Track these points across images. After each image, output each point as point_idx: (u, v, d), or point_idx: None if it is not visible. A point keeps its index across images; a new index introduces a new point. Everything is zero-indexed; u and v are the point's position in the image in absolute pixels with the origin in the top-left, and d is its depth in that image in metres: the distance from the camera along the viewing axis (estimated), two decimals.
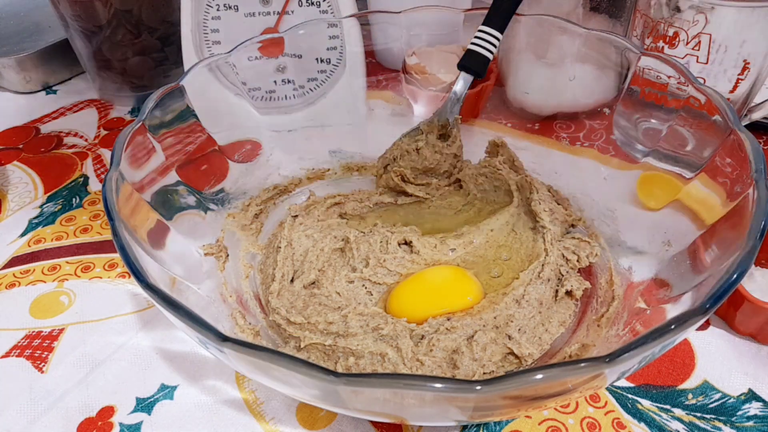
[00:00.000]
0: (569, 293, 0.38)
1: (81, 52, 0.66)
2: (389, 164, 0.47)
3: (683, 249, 0.33)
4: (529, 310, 0.36)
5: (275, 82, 0.52)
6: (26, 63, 0.69)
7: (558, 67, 0.50)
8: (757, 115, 0.49)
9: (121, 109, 0.67)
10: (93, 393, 0.37)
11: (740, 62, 0.43)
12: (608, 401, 0.35)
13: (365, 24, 0.52)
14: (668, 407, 0.35)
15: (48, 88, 0.72)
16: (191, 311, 0.24)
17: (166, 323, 0.41)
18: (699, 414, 0.34)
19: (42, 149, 0.61)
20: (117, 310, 0.42)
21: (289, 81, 0.52)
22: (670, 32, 0.44)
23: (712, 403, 0.35)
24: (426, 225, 0.45)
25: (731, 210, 0.29)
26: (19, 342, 0.40)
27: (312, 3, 0.53)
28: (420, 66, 0.52)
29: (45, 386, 0.38)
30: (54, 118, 0.66)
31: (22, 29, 0.75)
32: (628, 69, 0.42)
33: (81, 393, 0.37)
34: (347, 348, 0.33)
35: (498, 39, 0.45)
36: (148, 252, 0.30)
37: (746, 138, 0.30)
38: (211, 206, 0.41)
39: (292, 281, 0.39)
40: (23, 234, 0.50)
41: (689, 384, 0.36)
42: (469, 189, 0.46)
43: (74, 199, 0.54)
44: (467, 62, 0.46)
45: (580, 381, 0.23)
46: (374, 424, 0.35)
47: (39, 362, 0.39)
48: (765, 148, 0.54)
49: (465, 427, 0.34)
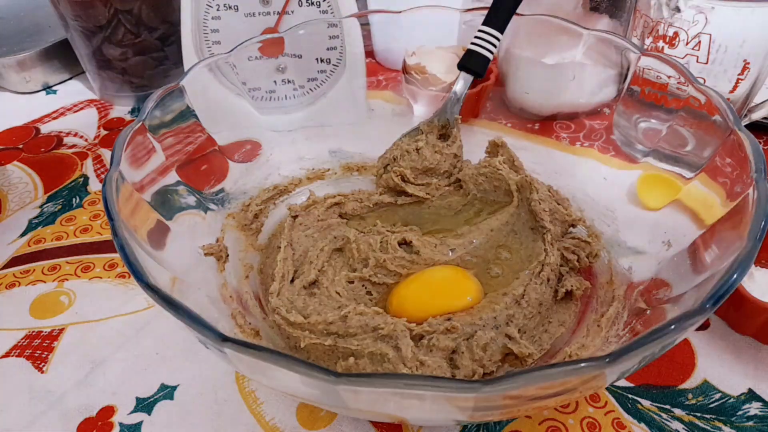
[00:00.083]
0: (569, 293, 0.38)
1: (81, 52, 0.66)
2: (389, 164, 0.47)
3: (683, 249, 0.33)
4: (529, 310, 0.36)
5: (275, 82, 0.52)
6: (26, 63, 0.68)
7: (558, 67, 0.50)
8: (757, 115, 0.49)
9: (121, 109, 0.67)
10: (93, 393, 0.37)
11: (740, 62, 0.43)
12: (608, 401, 0.35)
13: (365, 24, 0.52)
14: (668, 407, 0.35)
15: (48, 88, 0.72)
16: (191, 311, 0.24)
17: (166, 323, 0.41)
18: (699, 414, 0.34)
19: (42, 149, 0.61)
20: (117, 310, 0.42)
21: (289, 81, 0.52)
22: (670, 32, 0.44)
23: (712, 403, 0.35)
24: (426, 225, 0.45)
25: (731, 210, 0.29)
26: (19, 342, 0.40)
27: (312, 3, 0.53)
28: (420, 66, 0.52)
29: (45, 386, 0.38)
30: (54, 118, 0.66)
31: (22, 29, 0.75)
32: (628, 69, 0.42)
33: (81, 393, 0.37)
34: (347, 348, 0.33)
35: (498, 39, 0.45)
36: (148, 252, 0.30)
37: (746, 138, 0.30)
38: (211, 206, 0.41)
39: (292, 281, 0.39)
40: (23, 234, 0.50)
41: (689, 384, 0.36)
42: (469, 189, 0.46)
43: (74, 199, 0.54)
44: (467, 62, 0.46)
45: (580, 381, 0.23)
46: (374, 424, 0.35)
47: (39, 362, 0.39)
48: (765, 148, 0.54)
49: (465, 427, 0.34)
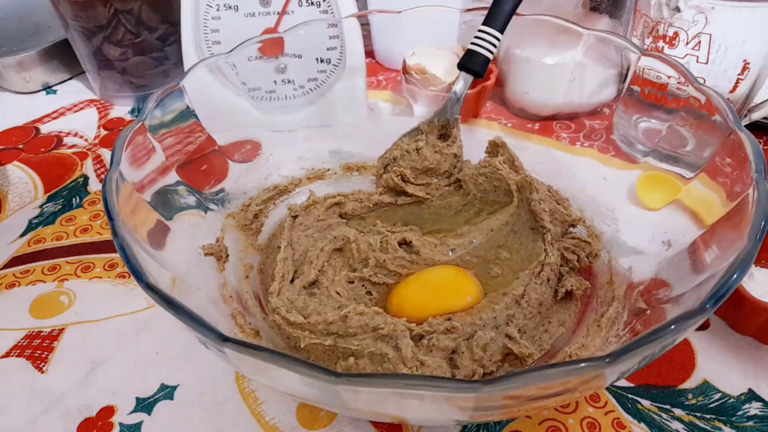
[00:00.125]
0: (569, 293, 0.38)
1: (81, 52, 0.66)
2: (389, 164, 0.47)
3: (683, 249, 0.33)
4: (529, 310, 0.36)
5: (275, 82, 0.52)
6: (26, 63, 0.68)
7: (558, 67, 0.50)
8: (757, 115, 0.49)
9: (121, 109, 0.67)
10: (93, 393, 0.37)
11: (740, 62, 0.43)
12: (608, 401, 0.35)
13: (365, 24, 0.52)
14: (668, 407, 0.35)
15: (48, 88, 0.72)
16: (191, 311, 0.24)
17: (166, 323, 0.41)
18: (699, 414, 0.34)
19: (42, 149, 0.61)
20: (117, 310, 0.42)
21: (289, 81, 0.52)
22: (670, 32, 0.44)
23: (712, 403, 0.35)
24: (426, 225, 0.45)
25: (731, 210, 0.29)
26: (19, 342, 0.40)
27: (312, 3, 0.53)
28: (420, 66, 0.52)
29: (45, 386, 0.38)
30: (54, 118, 0.66)
31: (22, 29, 0.75)
32: (628, 69, 0.42)
33: (81, 393, 0.37)
34: (347, 348, 0.33)
35: (498, 39, 0.45)
36: (148, 252, 0.30)
37: (746, 138, 0.30)
38: (211, 206, 0.41)
39: (292, 281, 0.39)
40: (23, 234, 0.50)
41: (689, 384, 0.36)
42: (469, 189, 0.46)
43: (74, 199, 0.54)
44: (467, 62, 0.46)
45: (580, 381, 0.23)
46: (374, 424, 0.35)
47: (39, 362, 0.39)
48: (765, 148, 0.54)
49: (465, 427, 0.34)
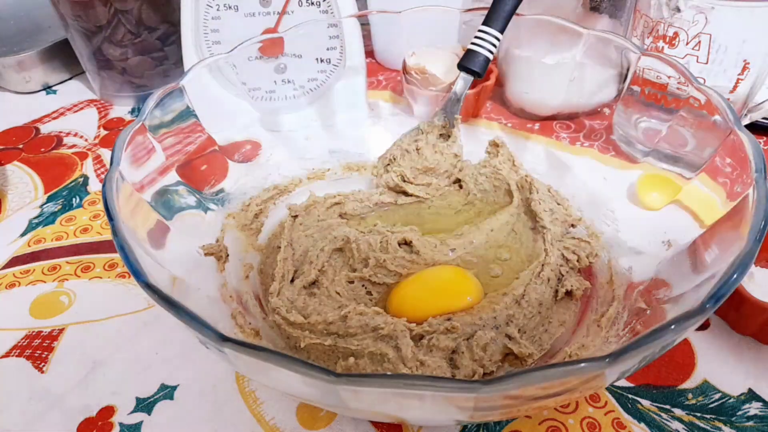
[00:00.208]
0: (569, 293, 0.38)
1: (81, 52, 0.66)
2: (389, 164, 0.47)
3: (683, 249, 0.33)
4: (529, 310, 0.36)
5: (275, 82, 0.52)
6: (26, 63, 0.68)
7: (558, 67, 0.50)
8: (757, 115, 0.49)
9: (121, 109, 0.67)
10: (93, 393, 0.37)
11: (740, 62, 0.43)
12: (608, 401, 0.35)
13: (365, 24, 0.52)
14: (668, 407, 0.35)
15: (48, 88, 0.72)
16: (191, 311, 0.24)
17: (166, 323, 0.41)
18: (699, 414, 0.34)
19: (42, 149, 0.61)
20: (117, 310, 0.42)
21: (289, 81, 0.52)
22: (670, 32, 0.44)
23: (712, 403, 0.35)
24: (426, 225, 0.45)
25: (731, 210, 0.29)
26: (19, 342, 0.40)
27: (312, 3, 0.53)
28: (420, 66, 0.52)
29: (45, 386, 0.38)
30: (54, 118, 0.66)
31: (22, 29, 0.75)
32: (628, 69, 0.42)
33: (81, 393, 0.37)
34: (347, 348, 0.33)
35: (498, 39, 0.45)
36: (148, 252, 0.30)
37: (746, 138, 0.30)
38: (211, 206, 0.41)
39: (292, 281, 0.39)
40: (23, 234, 0.50)
41: (689, 384, 0.36)
42: (469, 189, 0.46)
43: (74, 199, 0.54)
44: (467, 62, 0.46)
45: (580, 381, 0.23)
46: (374, 424, 0.35)
47: (39, 362, 0.39)
48: (765, 148, 0.54)
49: (465, 427, 0.34)
